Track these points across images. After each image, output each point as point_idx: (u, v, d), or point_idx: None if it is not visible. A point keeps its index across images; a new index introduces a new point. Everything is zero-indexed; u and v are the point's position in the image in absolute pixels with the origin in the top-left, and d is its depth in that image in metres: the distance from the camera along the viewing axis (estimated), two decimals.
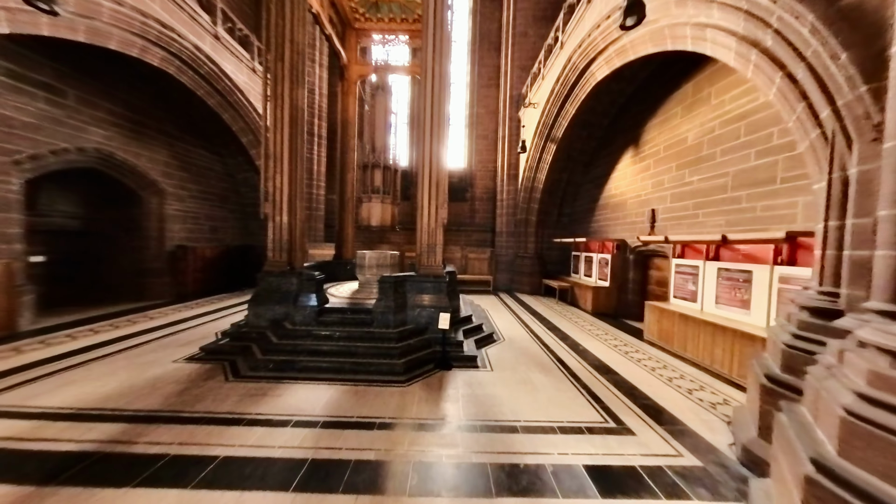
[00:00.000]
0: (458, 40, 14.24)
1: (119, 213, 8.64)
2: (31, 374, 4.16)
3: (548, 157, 10.30)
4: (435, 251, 5.73)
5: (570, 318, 7.93)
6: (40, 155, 6.29)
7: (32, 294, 6.32)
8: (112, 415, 3.22)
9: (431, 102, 5.73)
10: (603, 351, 5.56)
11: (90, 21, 5.45)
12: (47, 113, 6.38)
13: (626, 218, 8.24)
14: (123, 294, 8.55)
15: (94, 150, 7.22)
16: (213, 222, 10.87)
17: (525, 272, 11.48)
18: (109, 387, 3.84)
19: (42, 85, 6.29)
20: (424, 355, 4.97)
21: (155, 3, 6.52)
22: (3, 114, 5.73)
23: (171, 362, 4.66)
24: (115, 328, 6.26)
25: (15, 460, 2.53)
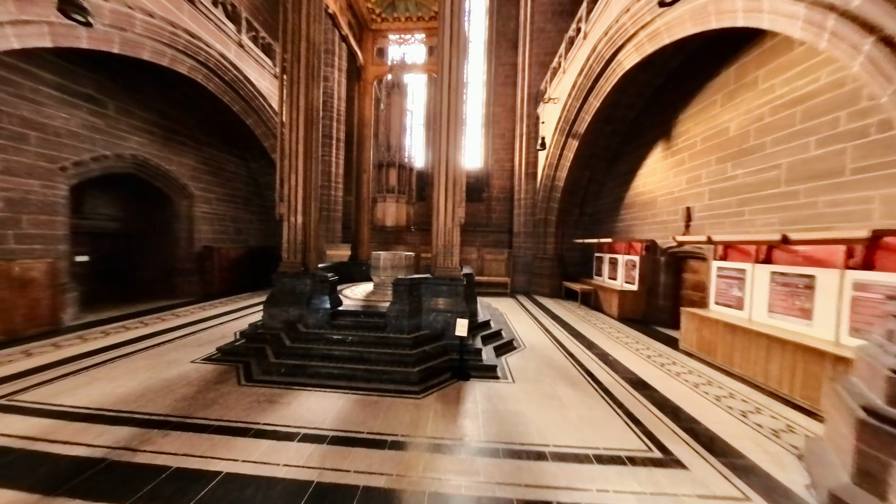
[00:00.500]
0: (474, 40, 13.87)
1: (153, 216, 8.99)
2: (62, 370, 4.27)
3: (569, 154, 9.71)
4: (451, 252, 5.33)
5: (594, 323, 7.34)
6: (83, 162, 6.59)
7: (75, 291, 6.57)
8: (126, 417, 3.15)
9: (448, 93, 5.34)
10: (635, 362, 4.99)
11: (124, 33, 5.59)
12: (90, 123, 6.68)
13: (657, 217, 7.58)
14: (157, 292, 8.89)
15: (130, 156, 7.52)
16: (238, 224, 11.12)
17: (544, 274, 10.91)
18: (128, 387, 3.82)
19: (86, 97, 6.59)
20: (440, 363, 4.58)
21: (184, 14, 6.61)
22: (52, 124, 6.07)
23: (189, 362, 4.61)
24: (145, 325, 6.39)
25: (29, 462, 2.51)
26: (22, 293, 5.43)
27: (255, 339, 5.15)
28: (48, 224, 6.10)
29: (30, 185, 5.84)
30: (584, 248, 10.85)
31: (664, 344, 5.92)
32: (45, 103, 5.97)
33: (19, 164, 5.70)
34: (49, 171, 6.08)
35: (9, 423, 3.02)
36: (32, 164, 5.86)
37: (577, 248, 11.04)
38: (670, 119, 7.31)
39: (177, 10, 6.39)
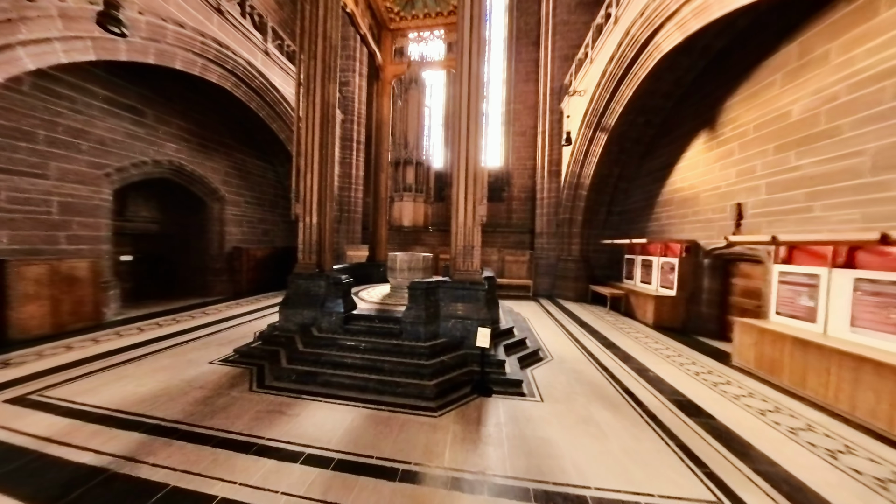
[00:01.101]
0: (493, 38, 13.47)
1: (188, 218, 9.36)
2: (94, 365, 4.37)
3: (596, 149, 8.99)
4: (472, 254, 4.84)
5: (627, 332, 6.62)
6: (125, 168, 6.93)
7: (117, 289, 6.88)
8: (137, 422, 3.08)
9: (469, 80, 4.89)
10: (682, 380, 4.31)
11: (157, 44, 5.75)
12: (131, 131, 7.02)
13: (699, 215, 6.76)
14: (192, 290, 9.23)
15: (167, 162, 7.84)
16: (265, 225, 11.39)
17: (569, 277, 10.19)
18: (147, 387, 3.80)
19: (128, 107, 6.93)
20: (459, 376, 4.11)
21: (213, 24, 6.68)
22: (99, 134, 6.45)
23: (207, 363, 4.55)
24: (177, 322, 6.53)
25: (38, 468, 2.48)
26: (69, 290, 5.70)
27: (271, 341, 4.97)
28: (94, 226, 6.45)
29: (80, 190, 6.21)
30: (612, 249, 10.05)
31: (712, 358, 5.16)
32: (94, 115, 6.34)
33: (72, 171, 6.07)
34: (96, 176, 6.45)
35: (34, 422, 3.07)
36: (82, 171, 6.23)
37: (604, 249, 10.25)
38: (715, 106, 6.50)
39: (206, 20, 6.51)
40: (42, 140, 5.65)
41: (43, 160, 5.68)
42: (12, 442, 2.74)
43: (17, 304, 5.07)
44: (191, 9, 6.13)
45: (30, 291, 5.21)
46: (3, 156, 5.22)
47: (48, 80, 5.58)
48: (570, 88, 9.69)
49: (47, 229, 5.77)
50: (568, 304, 9.52)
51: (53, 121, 5.75)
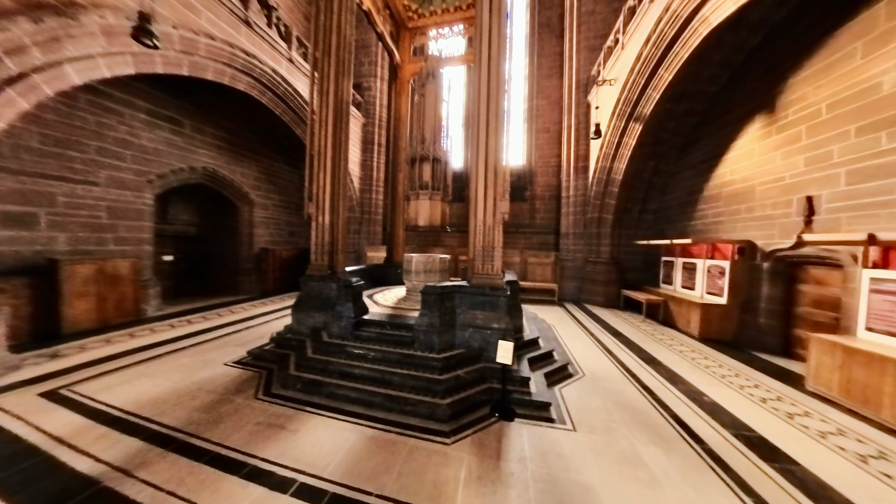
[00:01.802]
0: (515, 35, 12.87)
1: (222, 221, 9.79)
2: (123, 361, 4.46)
3: (629, 142, 8.16)
4: (492, 255, 4.31)
5: (669, 344, 5.81)
6: (164, 174, 7.31)
7: (158, 287, 7.18)
8: (142, 427, 2.99)
9: (489, 67, 4.39)
10: (746, 408, 3.55)
11: (191, 57, 5.91)
12: (170, 141, 7.40)
13: (754, 211, 5.84)
14: (224, 289, 9.59)
15: (202, 168, 8.22)
16: (291, 227, 11.65)
17: (598, 280, 9.36)
18: (161, 388, 3.75)
19: (168, 118, 7.31)
20: (477, 394, 3.60)
21: (241, 35, 6.82)
22: (142, 144, 6.84)
23: (221, 364, 4.47)
24: (206, 320, 6.63)
25: (40, 471, 2.43)
26: (113, 288, 6.03)
27: (283, 344, 4.77)
28: (138, 229, 6.86)
29: (125, 195, 6.62)
30: (646, 251, 9.14)
31: (778, 380, 4.31)
32: (138, 126, 6.74)
33: (119, 178, 6.49)
34: (139, 183, 6.83)
35: (54, 418, 3.09)
36: (128, 178, 6.64)
37: (637, 251, 9.34)
38: (773, 87, 5.59)
39: (235, 32, 6.67)
40: (94, 150, 6.08)
41: (94, 169, 6.11)
42: (29, 440, 2.77)
43: (68, 300, 5.41)
44: (221, 22, 6.30)
45: (79, 289, 5.54)
46: (62, 165, 5.66)
47: (99, 96, 6.01)
48: (598, 79, 8.90)
49: (97, 232, 6.22)
50: (597, 310, 8.71)
51: (103, 133, 6.18)
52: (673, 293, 7.28)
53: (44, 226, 5.50)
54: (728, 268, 5.91)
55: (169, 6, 5.25)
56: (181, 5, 5.48)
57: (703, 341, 5.91)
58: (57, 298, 5.28)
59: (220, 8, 6.21)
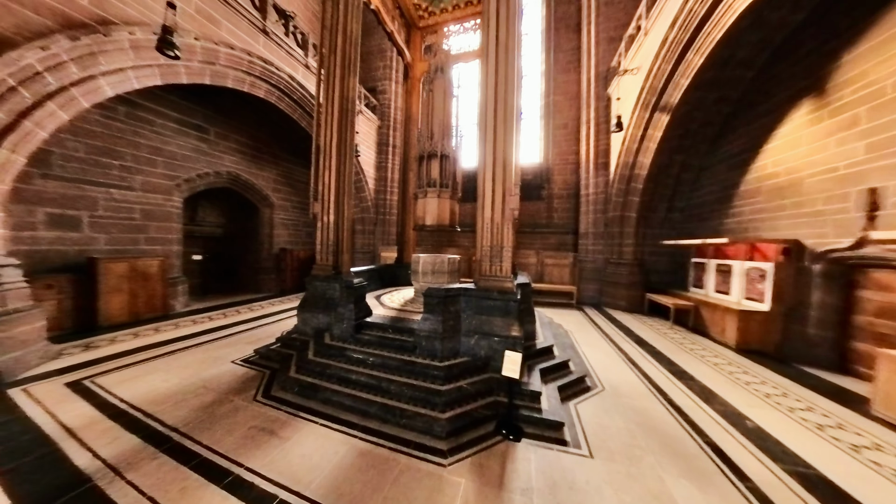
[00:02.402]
0: (529, 31, 12.53)
1: (246, 223, 10.19)
2: (144, 355, 4.64)
3: (655, 134, 7.52)
4: (501, 256, 3.95)
5: (700, 354, 5.20)
6: (192, 179, 7.73)
7: (185, 284, 7.49)
8: (143, 424, 3.03)
9: (496, 49, 4.04)
10: (799, 436, 3.00)
11: (212, 66, 6.13)
12: (197, 147, 7.82)
13: (802, 206, 5.14)
14: (246, 287, 10.00)
15: (226, 173, 8.61)
16: (308, 228, 11.86)
17: (620, 283, 8.72)
18: (169, 384, 3.81)
19: (195, 126, 7.74)
20: (481, 407, 3.25)
21: (259, 44, 7.01)
22: (172, 150, 7.26)
23: (229, 362, 4.49)
24: (224, 317, 6.83)
25: (44, 464, 2.48)
26: (143, 285, 6.38)
27: (288, 344, 4.69)
28: (167, 230, 7.24)
29: (156, 199, 7.05)
30: (674, 252, 8.42)
31: (835, 401, 3.68)
32: (168, 134, 7.17)
33: (151, 183, 6.92)
34: (168, 187, 7.25)
35: (72, 409, 3.22)
36: (158, 183, 7.06)
37: (664, 251, 8.64)
38: (823, 65, 4.90)
39: (253, 41, 6.88)
40: (129, 158, 6.53)
41: (129, 175, 6.55)
42: (45, 429, 2.88)
43: (104, 296, 5.79)
44: (240, 32, 6.52)
45: (114, 285, 5.92)
46: (101, 172, 6.14)
47: (135, 108, 6.49)
48: (619, 69, 8.31)
49: (131, 232, 6.64)
50: (619, 314, 8.09)
51: (137, 141, 6.62)
52: (705, 298, 6.60)
53: (86, 227, 5.96)
54: (771, 271, 5.23)
55: (191, 19, 5.53)
56: (203, 18, 5.75)
57: (741, 352, 5.25)
58: (94, 294, 5.66)
59: (239, 19, 6.45)
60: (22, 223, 5.19)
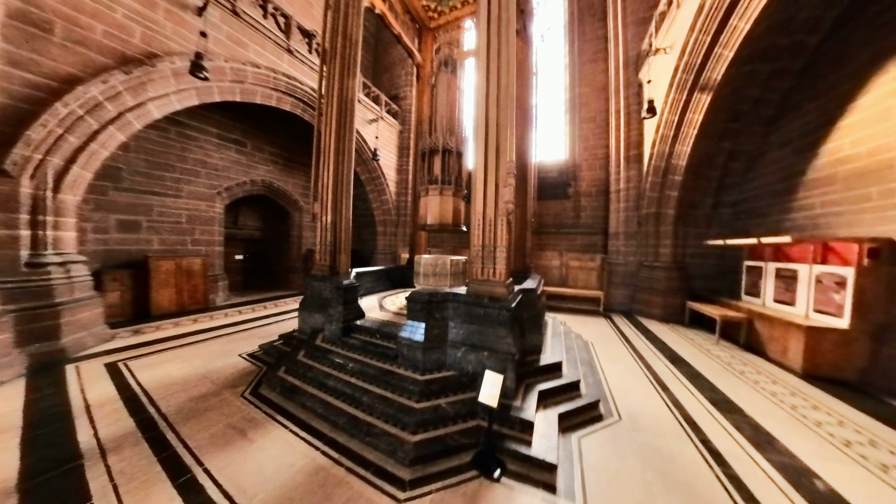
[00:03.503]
0: (552, 25, 11.91)
1: (278, 226, 10.86)
2: (173, 343, 4.98)
3: (694, 118, 6.45)
4: (494, 256, 3.41)
5: (754, 380, 4.17)
6: (231, 187, 8.53)
7: (225, 280, 8.28)
8: (143, 408, 3.18)
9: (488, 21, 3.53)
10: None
11: (242, 85, 6.64)
12: (235, 159, 8.63)
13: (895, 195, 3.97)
14: (278, 285, 10.58)
15: (261, 181, 9.32)
16: None
17: (656, 289, 7.62)
18: (181, 372, 3.98)
19: (233, 140, 8.55)
20: (459, 433, 2.75)
21: (283, 62, 7.46)
22: (213, 162, 8.07)
23: (237, 355, 4.60)
24: (252, 311, 7.24)
25: (56, 438, 2.67)
26: (187, 280, 7.06)
27: (288, 342, 4.71)
28: (210, 232, 8.04)
29: (201, 206, 7.86)
30: (722, 253, 7.19)
31: None
32: (210, 149, 7.98)
33: (196, 191, 7.75)
34: (211, 195, 8.07)
35: (99, 387, 3.52)
36: (202, 191, 7.88)
37: (709, 253, 7.42)
38: None
39: (278, 59, 7.35)
40: (179, 170, 7.38)
41: (178, 185, 7.39)
42: (72, 404, 3.18)
43: (156, 288, 6.55)
44: (266, 52, 7.02)
45: (163, 280, 6.66)
46: (156, 183, 6.99)
47: (184, 128, 7.36)
48: (650, 49, 7.30)
49: (179, 235, 7.47)
50: (653, 324, 7.03)
51: (185, 156, 7.48)
52: (761, 309, 5.43)
53: (143, 230, 6.86)
54: (851, 277, 4.08)
55: (222, 45, 6.11)
56: (232, 42, 6.30)
57: (810, 379, 4.14)
58: (148, 287, 6.45)
59: (265, 41, 6.92)
60: (99, 227, 6.18)
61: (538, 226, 11.25)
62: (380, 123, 11.99)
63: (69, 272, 4.58)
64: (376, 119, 11.65)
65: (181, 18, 5.48)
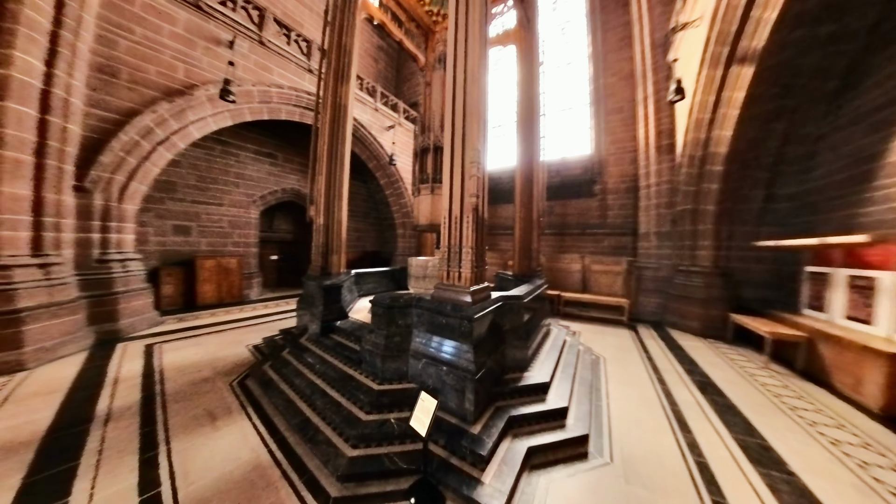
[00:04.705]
0: (572, 18, 11.27)
1: (307, 229, 11.24)
2: (202, 331, 5.53)
3: (734, 96, 5.42)
4: (459, 259, 2.98)
5: (810, 420, 3.18)
6: (265, 195, 9.42)
7: (259, 277, 9.19)
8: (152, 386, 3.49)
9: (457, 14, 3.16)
10: None
11: (268, 104, 7.44)
12: (268, 170, 9.52)
13: None
14: None
15: (290, 189, 10.08)
16: (359, 233, 13.16)
17: (692, 297, 6.50)
18: (196, 357, 4.33)
19: (267, 154, 9.48)
20: (401, 455, 2.42)
21: (304, 80, 8.12)
22: (250, 174, 9.07)
23: (244, 346, 4.84)
24: (276, 306, 7.88)
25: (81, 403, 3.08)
26: (225, 277, 8.01)
27: (285, 336, 4.83)
28: (246, 235, 9.00)
29: (239, 212, 8.83)
30: (777, 256, 5.94)
31: None
32: (247, 162, 9.00)
33: (235, 200, 8.75)
34: (247, 202, 9.03)
35: (131, 364, 3.99)
36: (240, 199, 8.86)
37: (761, 256, 6.19)
38: None
39: (299, 79, 8.06)
40: (221, 182, 8.41)
41: (221, 195, 8.42)
42: (109, 375, 3.67)
43: (200, 284, 7.51)
44: (288, 73, 7.83)
45: (206, 277, 7.62)
46: (203, 193, 8.07)
47: (225, 145, 8.39)
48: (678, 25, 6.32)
49: (222, 237, 8.45)
50: (686, 339, 5.97)
51: (227, 169, 8.52)
52: (827, 327, 4.27)
53: (194, 233, 7.90)
54: None
55: (250, 71, 7.02)
56: (258, 68, 7.18)
57: (892, 424, 3.07)
58: (194, 282, 7.43)
59: (288, 63, 7.79)
60: (158, 232, 7.31)
61: (560, 227, 10.42)
62: (397, 129, 12.04)
63: (126, 267, 5.46)
64: (393, 125, 11.71)
65: (216, 53, 6.38)
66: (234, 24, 6.69)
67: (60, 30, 4.31)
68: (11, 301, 3.82)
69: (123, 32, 5.29)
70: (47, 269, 4.29)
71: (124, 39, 5.29)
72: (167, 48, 5.77)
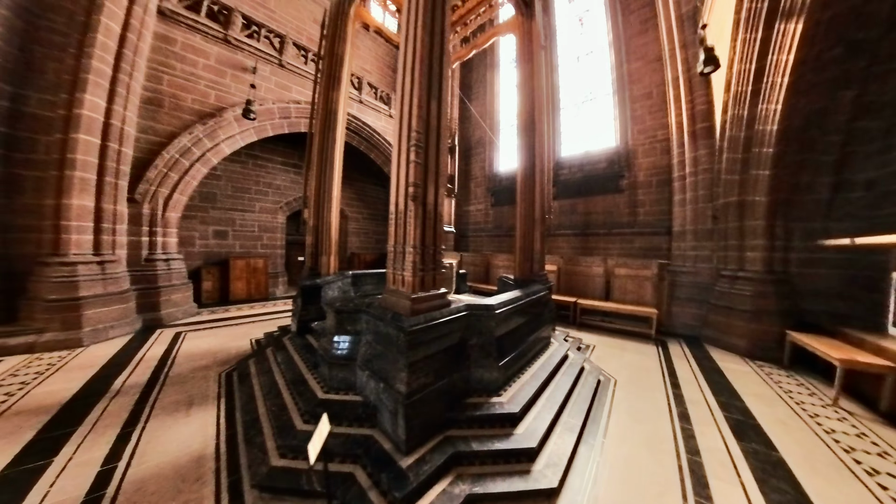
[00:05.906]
0: (589, 9, 10.66)
1: None
2: (225, 322, 6.06)
3: (781, 60, 4.40)
4: (403, 260, 2.55)
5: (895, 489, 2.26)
6: (290, 202, 10.40)
7: (285, 276, 10.17)
8: (161, 368, 3.86)
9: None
10: None
11: (288, 119, 8.24)
12: (293, 179, 10.47)
13: None
14: None
15: None
16: (377, 235, 13.79)
17: (738, 308, 5.38)
18: (208, 346, 4.68)
19: (292, 164, 10.43)
20: (321, 476, 1.97)
21: None
22: (277, 183, 10.09)
23: (249, 339, 5.12)
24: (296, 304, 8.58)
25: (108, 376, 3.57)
26: (253, 275, 8.88)
27: (281, 333, 4.93)
28: (273, 238, 9.98)
29: (268, 217, 9.86)
30: (851, 258, 4.71)
31: None
32: (275, 172, 10.02)
33: (264, 206, 9.78)
34: (275, 209, 10.04)
35: (157, 348, 4.51)
36: (268, 206, 9.87)
37: (828, 258, 4.96)
38: None
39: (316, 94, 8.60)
40: (253, 191, 9.51)
41: (252, 202, 9.50)
42: (135, 356, 4.14)
43: (233, 281, 8.48)
44: (305, 90, 8.56)
45: (237, 275, 8.57)
46: (238, 202, 9.20)
47: (256, 159, 9.52)
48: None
49: (253, 240, 9.51)
50: (728, 360, 4.90)
51: (258, 179, 9.62)
52: None
53: (230, 237, 9.03)
54: None
55: (271, 91, 7.93)
56: (278, 87, 8.10)
57: None
58: (228, 279, 8.42)
59: (306, 81, 8.59)
60: (202, 236, 8.48)
61: (584, 227, 9.53)
62: None
63: (169, 266, 6.35)
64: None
65: (242, 78, 7.38)
66: (258, 52, 7.68)
67: (118, 74, 5.25)
68: (76, 290, 4.63)
69: (166, 69, 6.31)
70: (104, 266, 5.13)
71: (167, 75, 6.32)
72: (202, 78, 6.75)
